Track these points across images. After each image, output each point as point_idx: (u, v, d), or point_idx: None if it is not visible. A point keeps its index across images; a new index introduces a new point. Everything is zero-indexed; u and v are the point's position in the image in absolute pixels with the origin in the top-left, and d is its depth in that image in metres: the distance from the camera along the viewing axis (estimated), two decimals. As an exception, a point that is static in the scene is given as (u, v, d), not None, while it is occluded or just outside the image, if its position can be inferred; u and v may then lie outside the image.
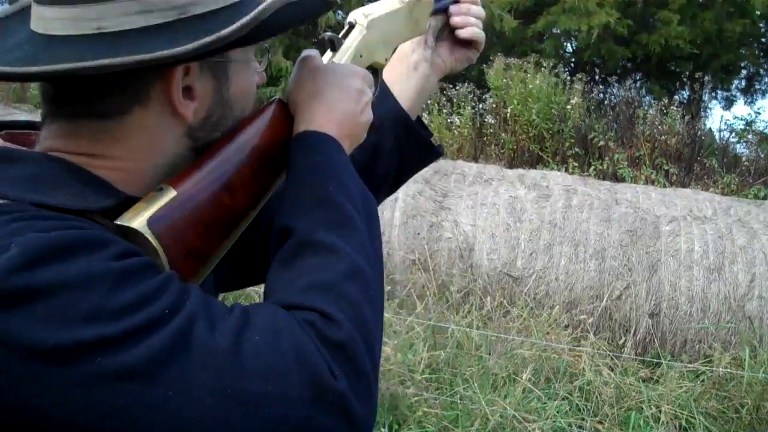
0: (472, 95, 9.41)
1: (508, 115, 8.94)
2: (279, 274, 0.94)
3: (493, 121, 9.02)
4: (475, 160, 8.49)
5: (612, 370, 4.74)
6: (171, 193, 0.94)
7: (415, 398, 4.31)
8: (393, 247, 5.68)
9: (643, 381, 4.68)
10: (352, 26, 1.27)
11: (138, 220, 0.90)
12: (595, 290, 5.41)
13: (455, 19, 1.43)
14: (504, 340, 4.77)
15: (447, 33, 1.46)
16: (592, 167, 8.47)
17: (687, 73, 10.47)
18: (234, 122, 1.05)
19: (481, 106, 9.38)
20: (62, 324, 0.74)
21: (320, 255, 0.92)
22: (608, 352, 4.84)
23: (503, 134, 8.87)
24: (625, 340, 5.17)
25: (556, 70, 9.57)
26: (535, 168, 7.66)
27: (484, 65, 9.95)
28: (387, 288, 5.40)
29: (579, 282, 5.45)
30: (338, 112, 1.10)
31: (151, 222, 0.90)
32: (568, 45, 12.88)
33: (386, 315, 4.92)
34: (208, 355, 0.78)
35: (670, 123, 8.91)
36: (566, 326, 5.16)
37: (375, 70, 1.31)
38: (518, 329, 4.96)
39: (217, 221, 0.99)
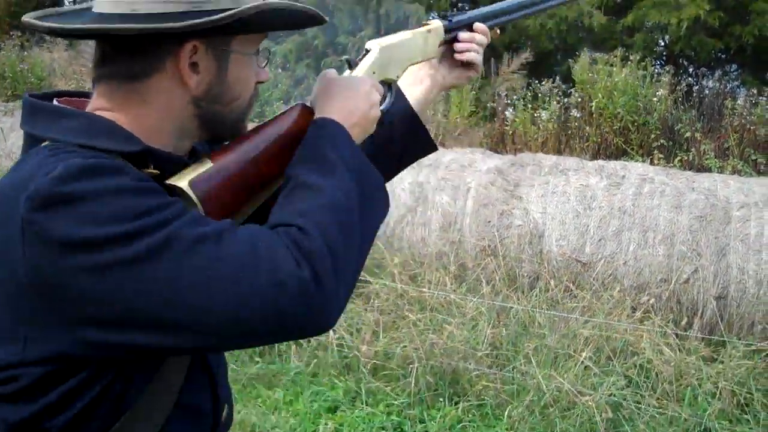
0: (557, 90, 9.53)
1: (593, 108, 9.02)
2: (277, 207, 1.28)
3: (578, 115, 9.11)
4: (560, 153, 8.61)
5: (674, 350, 4.85)
6: (208, 164, 1.31)
7: (475, 373, 4.56)
8: (464, 235, 5.93)
9: (705, 360, 4.79)
10: (367, 51, 1.65)
11: (182, 181, 1.27)
12: (663, 274, 5.52)
13: (458, 45, 1.79)
14: (567, 320, 4.96)
15: (450, 56, 1.81)
16: (678, 158, 8.47)
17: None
18: (233, 100, 1.38)
19: (566, 100, 9.49)
20: (91, 223, 1.10)
21: (306, 192, 1.26)
22: (668, 330, 4.96)
23: (588, 128, 8.96)
24: (692, 322, 5.27)
25: (644, 63, 9.59)
26: (620, 160, 7.74)
27: (570, 60, 10.06)
28: (457, 273, 5.66)
29: (647, 267, 5.57)
30: (347, 107, 1.44)
31: (192, 182, 1.27)
32: (660, 39, 12.78)
33: (452, 297, 5.18)
34: (196, 244, 1.13)
35: (758, 113, 8.82)
36: (633, 309, 5.30)
37: (389, 84, 1.68)
38: (582, 310, 5.13)
39: (244, 186, 1.35)
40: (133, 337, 1.13)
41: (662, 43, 13.05)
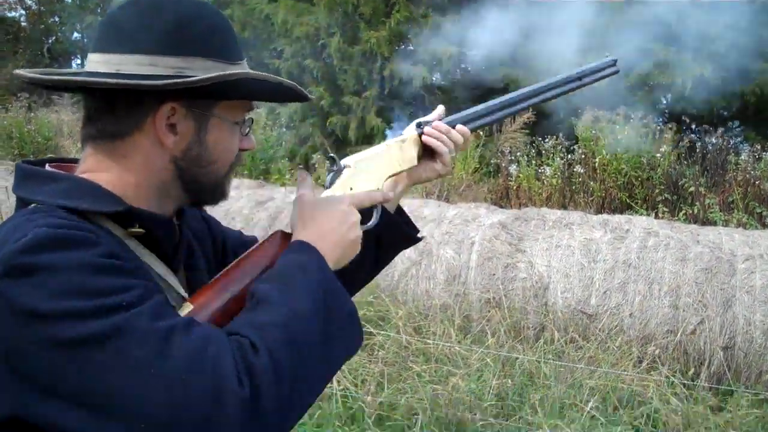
0: (561, 147, 9.61)
1: (597, 164, 9.08)
2: (239, 316, 1.28)
3: (582, 171, 9.17)
4: (564, 208, 8.65)
5: (681, 400, 4.81)
6: (189, 307, 1.32)
7: (481, 423, 4.51)
8: (469, 287, 5.92)
9: (712, 410, 4.74)
10: (343, 168, 1.64)
11: None
12: (669, 325, 5.49)
13: (427, 129, 1.79)
14: (572, 371, 4.92)
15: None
16: (682, 212, 8.49)
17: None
18: (210, 163, 1.41)
19: (570, 156, 9.56)
20: (49, 295, 1.11)
21: (266, 308, 1.25)
22: (675, 380, 4.91)
23: (592, 183, 9.00)
24: (699, 372, 5.22)
25: (646, 120, 9.68)
26: (624, 214, 7.75)
27: (573, 118, 10.15)
28: (462, 324, 5.64)
29: (653, 318, 5.55)
30: (323, 229, 1.44)
31: None
32: (662, 97, 12.90)
33: (457, 348, 5.15)
34: (145, 337, 1.12)
35: (762, 168, 8.88)
36: (639, 359, 5.27)
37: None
38: (587, 360, 5.10)
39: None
40: (67, 415, 1.12)
41: (664, 101, 13.17)
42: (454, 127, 1.81)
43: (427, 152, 1.80)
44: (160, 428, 1.10)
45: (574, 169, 9.25)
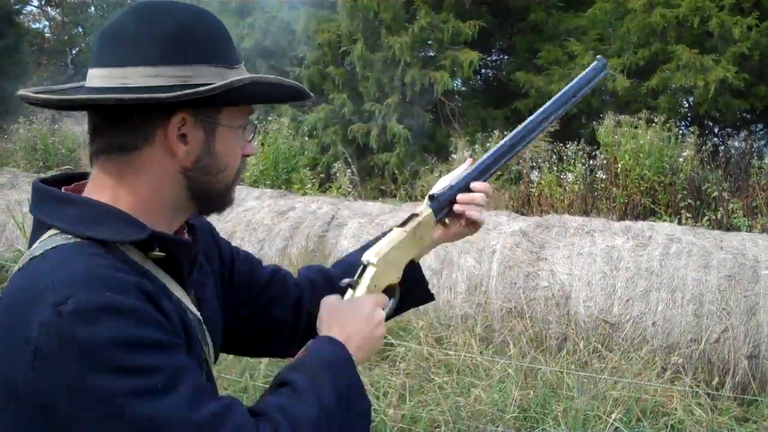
0: (582, 152, 9.57)
1: (619, 170, 9.04)
2: (268, 397, 1.35)
3: (604, 177, 9.13)
4: (586, 214, 8.62)
5: (705, 410, 4.77)
6: None
7: (504, 435, 4.51)
8: (490, 297, 5.91)
9: (737, 420, 4.70)
10: (366, 266, 1.67)
11: None
12: (693, 334, 5.46)
13: (457, 207, 1.78)
14: (596, 381, 4.90)
15: (444, 216, 1.82)
16: (706, 218, 8.43)
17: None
18: (220, 171, 1.42)
19: (592, 162, 9.52)
20: (95, 371, 1.12)
21: (297, 400, 1.32)
22: (699, 390, 4.88)
23: (614, 189, 8.96)
24: (723, 382, 5.19)
25: (668, 125, 9.63)
26: (647, 220, 7.71)
27: (595, 123, 10.11)
28: (483, 335, 5.63)
29: (676, 327, 5.52)
30: (349, 330, 1.51)
31: None
32: (684, 100, 12.82)
33: (479, 359, 5.15)
34: (184, 425, 1.16)
35: (786, 172, 8.82)
36: (663, 369, 5.24)
37: (391, 289, 1.71)
38: (611, 371, 5.08)
39: None
40: None
41: (687, 105, 13.09)
42: (468, 187, 1.79)
43: (456, 216, 1.81)
44: None
45: (596, 175, 9.21)
